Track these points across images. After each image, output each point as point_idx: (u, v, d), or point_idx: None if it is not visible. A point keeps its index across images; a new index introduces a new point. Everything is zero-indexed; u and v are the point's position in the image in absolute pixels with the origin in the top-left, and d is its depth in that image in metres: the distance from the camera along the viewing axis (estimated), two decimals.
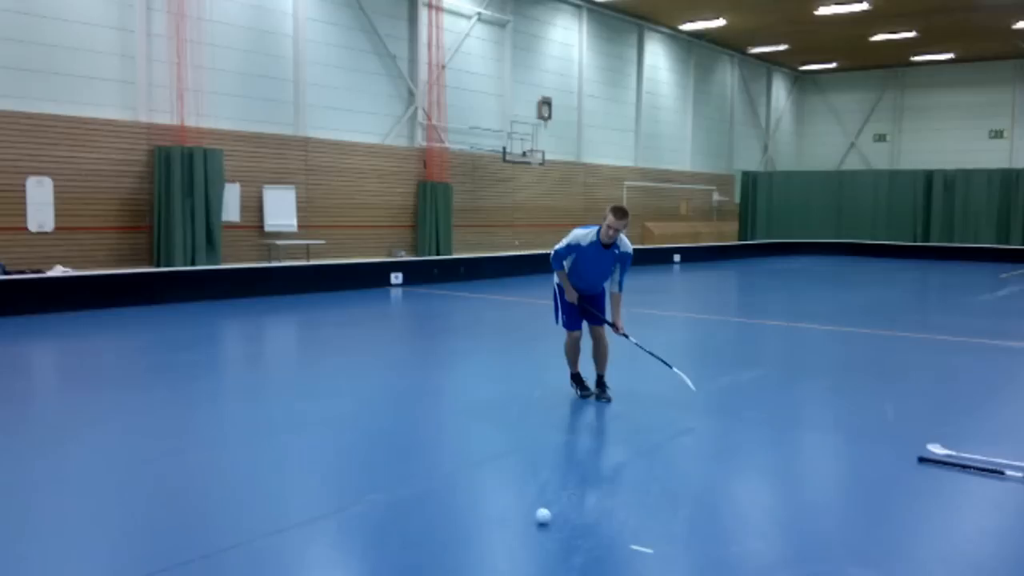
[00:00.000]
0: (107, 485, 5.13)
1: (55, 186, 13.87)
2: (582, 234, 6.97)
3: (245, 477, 5.29)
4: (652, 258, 25.05)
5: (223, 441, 6.20)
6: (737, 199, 32.47)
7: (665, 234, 28.25)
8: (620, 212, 6.78)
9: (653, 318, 13.70)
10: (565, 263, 7.11)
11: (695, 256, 26.68)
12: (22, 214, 13.56)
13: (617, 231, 6.77)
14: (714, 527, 4.53)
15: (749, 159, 34.99)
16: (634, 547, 4.15)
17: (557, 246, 7.08)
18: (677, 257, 26.00)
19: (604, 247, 6.86)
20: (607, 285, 7.20)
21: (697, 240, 28.99)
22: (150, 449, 5.93)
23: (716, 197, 32.05)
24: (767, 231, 31.35)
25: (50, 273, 13.09)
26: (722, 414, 7.13)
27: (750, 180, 31.72)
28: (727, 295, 19.18)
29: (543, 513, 4.39)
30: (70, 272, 13.32)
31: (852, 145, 37.29)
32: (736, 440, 6.40)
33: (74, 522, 4.53)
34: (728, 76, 33.37)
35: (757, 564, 4.07)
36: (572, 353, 7.36)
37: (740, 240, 31.16)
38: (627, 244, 7.01)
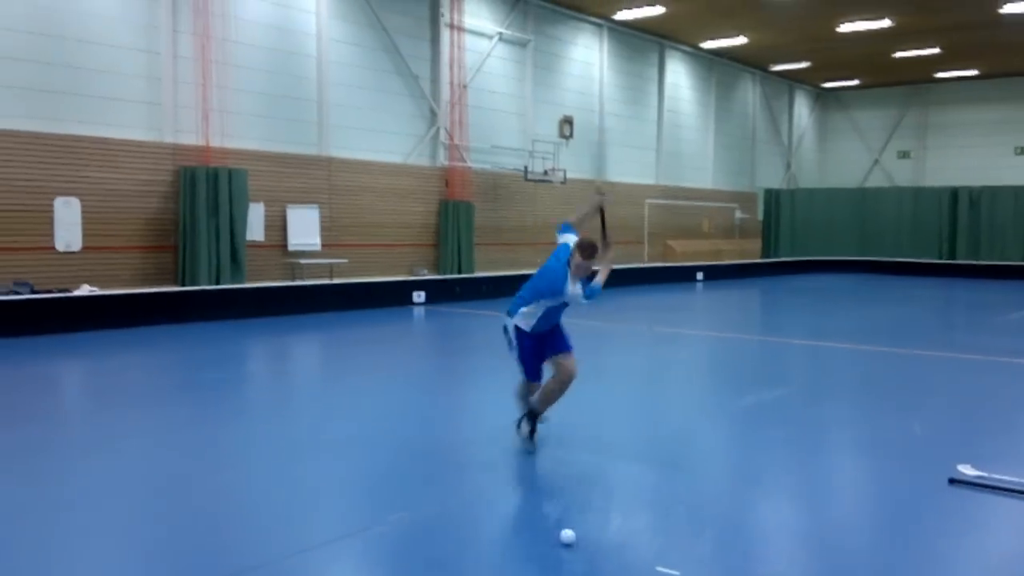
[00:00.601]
0: (132, 503, 5.15)
1: (82, 206, 14.04)
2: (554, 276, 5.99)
3: (270, 496, 5.29)
4: (674, 276, 25.00)
5: (247, 460, 6.21)
6: (760, 216, 32.33)
7: (687, 252, 28.17)
8: (588, 251, 5.88)
9: (676, 336, 13.64)
10: (527, 310, 6.09)
11: (718, 274, 26.57)
12: (50, 234, 13.73)
13: (588, 268, 5.95)
14: (741, 549, 4.47)
15: (772, 176, 34.86)
16: (660, 569, 4.10)
17: (525, 296, 6.10)
18: (700, 275, 25.90)
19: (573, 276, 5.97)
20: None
21: (719, 258, 28.88)
22: (175, 468, 5.95)
23: (738, 215, 31.94)
24: (790, 249, 31.18)
25: (77, 292, 13.23)
26: (747, 434, 7.07)
27: (773, 197, 31.59)
28: (750, 313, 19.06)
29: (568, 534, 4.35)
30: (96, 291, 13.46)
31: (876, 162, 37.06)
32: (761, 460, 6.33)
33: (100, 541, 4.55)
34: (750, 94, 33.32)
35: None
36: (526, 394, 6.42)
37: (763, 258, 31.00)
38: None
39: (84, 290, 13.40)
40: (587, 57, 25.18)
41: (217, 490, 5.42)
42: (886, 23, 24.71)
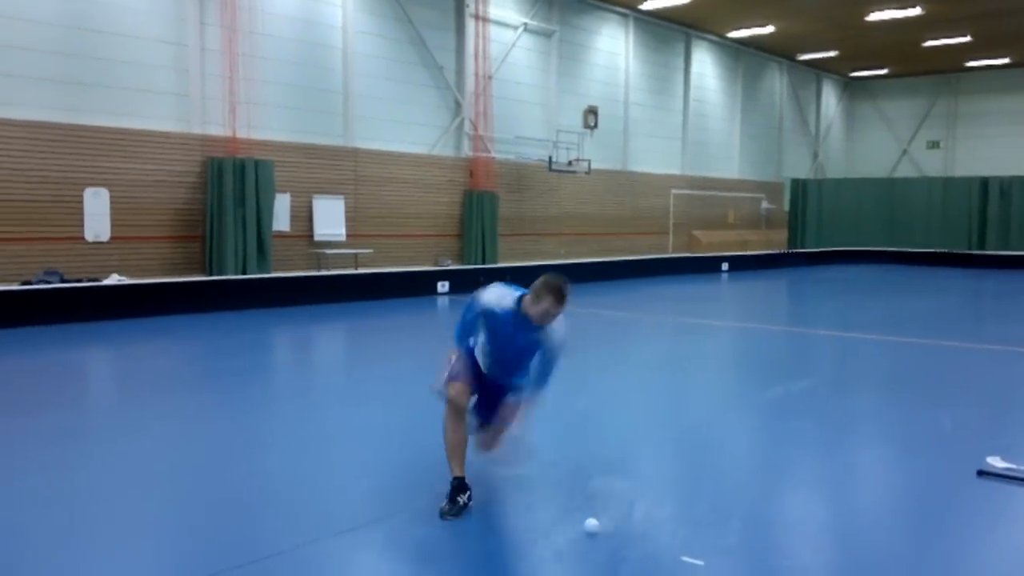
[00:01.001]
0: (156, 490, 5.22)
1: (111, 197, 14.19)
2: (496, 296, 4.84)
3: (292, 483, 5.34)
4: (699, 266, 24.89)
5: (271, 447, 6.27)
6: (786, 207, 32.08)
7: (712, 242, 28.01)
8: (559, 296, 4.60)
9: (701, 327, 13.59)
10: (474, 340, 5.01)
11: (743, 264, 26.40)
12: (79, 224, 13.89)
13: (554, 317, 4.72)
14: (766, 540, 4.46)
15: (799, 167, 34.55)
16: (685, 559, 4.10)
17: (464, 312, 5.01)
18: (725, 265, 25.76)
19: (525, 320, 4.70)
20: (520, 382, 4.96)
21: (745, 248, 28.68)
22: (202, 454, 6.02)
23: (765, 205, 31.70)
24: (817, 239, 30.90)
25: (106, 281, 13.39)
26: (772, 425, 7.03)
27: (800, 188, 31.30)
28: (776, 304, 18.93)
29: (592, 523, 4.36)
30: (125, 280, 13.62)
31: (904, 152, 36.63)
32: (787, 452, 6.30)
33: (124, 526, 4.61)
34: (777, 83, 33.01)
35: None
36: (455, 420, 4.89)
37: (790, 248, 30.76)
38: (558, 332, 4.81)
39: (113, 279, 13.56)
40: (612, 47, 25.06)
41: (240, 476, 5.48)
42: (916, 11, 24.37)
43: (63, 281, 13.03)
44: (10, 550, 4.24)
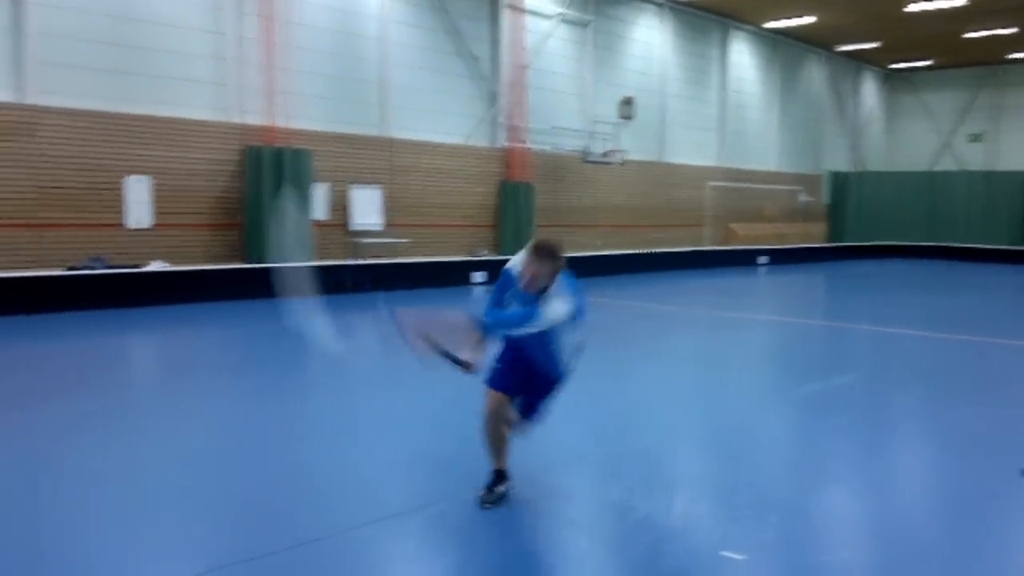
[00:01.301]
0: (202, 474, 5.31)
1: (152, 184, 14.38)
2: (515, 263, 4.68)
3: (336, 469, 5.40)
4: (736, 259, 24.72)
5: (315, 432, 6.34)
6: (825, 200, 31.71)
7: (749, 235, 27.77)
8: (543, 252, 4.39)
9: (739, 321, 13.50)
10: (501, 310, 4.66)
11: (781, 258, 26.17)
12: (121, 211, 14.10)
13: (539, 279, 4.40)
14: (805, 535, 4.44)
15: (837, 159, 34.12)
16: (725, 553, 4.10)
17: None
18: (761, 259, 25.55)
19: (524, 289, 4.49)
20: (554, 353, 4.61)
21: (783, 242, 28.40)
22: (247, 439, 6.11)
23: (802, 198, 31.36)
24: (857, 233, 30.52)
25: (148, 268, 13.59)
26: (810, 421, 6.98)
27: (839, 181, 30.93)
28: (815, 299, 18.75)
29: None
30: (167, 267, 13.81)
31: (946, 145, 36.03)
32: (825, 448, 6.26)
33: (171, 509, 4.69)
34: (815, 74, 32.60)
35: (850, 574, 3.99)
36: (493, 427, 4.76)
37: (829, 242, 30.41)
38: (559, 307, 4.40)
39: (156, 266, 13.76)
40: (648, 37, 24.90)
41: (290, 461, 5.56)
42: (959, 2, 23.93)
43: (107, 267, 13.25)
44: (66, 526, 4.34)
